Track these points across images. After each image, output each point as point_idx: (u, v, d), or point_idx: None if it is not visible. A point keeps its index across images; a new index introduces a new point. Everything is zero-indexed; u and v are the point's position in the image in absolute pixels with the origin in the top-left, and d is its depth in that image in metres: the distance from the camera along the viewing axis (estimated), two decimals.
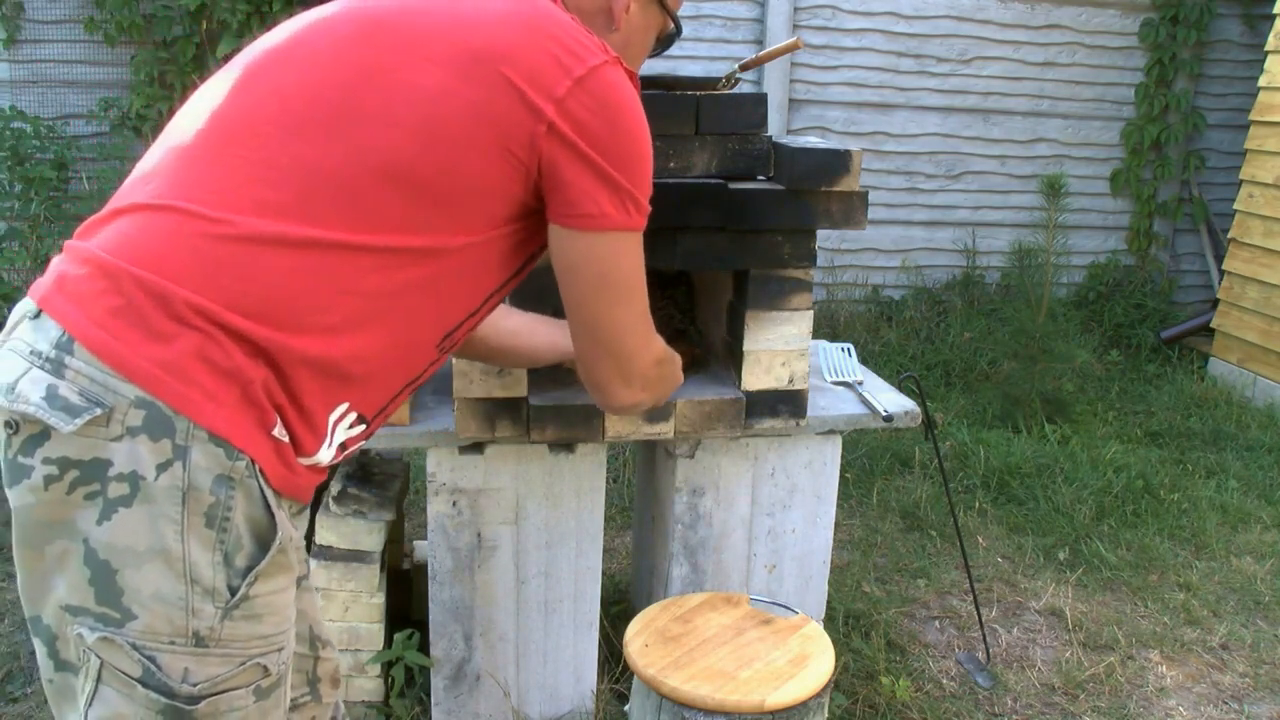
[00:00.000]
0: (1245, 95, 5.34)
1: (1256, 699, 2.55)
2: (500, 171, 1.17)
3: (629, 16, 1.38)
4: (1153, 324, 5.52)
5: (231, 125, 1.13)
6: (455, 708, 2.18)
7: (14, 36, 4.47)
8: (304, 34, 1.20)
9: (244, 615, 1.08)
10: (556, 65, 1.17)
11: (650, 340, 1.37)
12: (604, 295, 1.27)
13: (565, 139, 1.17)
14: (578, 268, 1.25)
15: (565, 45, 1.20)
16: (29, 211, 4.28)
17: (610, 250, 1.25)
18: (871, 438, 3.93)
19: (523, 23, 1.19)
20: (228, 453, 1.04)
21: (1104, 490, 3.57)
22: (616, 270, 1.26)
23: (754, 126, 1.97)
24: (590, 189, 1.20)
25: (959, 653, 2.67)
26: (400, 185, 1.12)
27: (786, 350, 2.05)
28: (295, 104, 1.13)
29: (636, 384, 1.36)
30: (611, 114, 1.20)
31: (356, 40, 1.18)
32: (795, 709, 1.60)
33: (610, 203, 1.21)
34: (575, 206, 1.21)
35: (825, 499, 2.27)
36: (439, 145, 1.13)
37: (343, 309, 1.12)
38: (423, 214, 1.15)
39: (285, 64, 1.17)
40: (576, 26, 1.24)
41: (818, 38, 5.20)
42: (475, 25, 1.18)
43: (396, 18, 1.19)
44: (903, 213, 5.51)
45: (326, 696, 1.45)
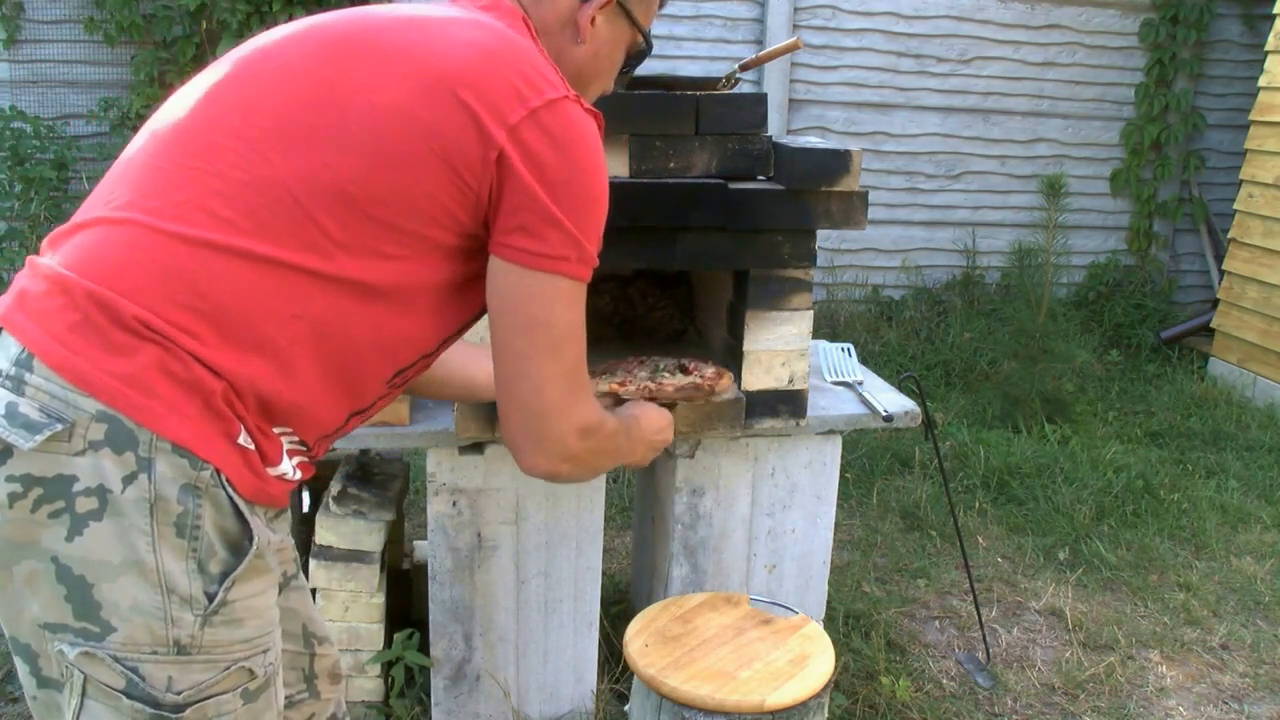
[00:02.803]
0: (1245, 95, 5.34)
1: (1256, 699, 2.55)
2: (449, 196, 1.14)
3: (595, 30, 1.34)
4: (1153, 324, 5.52)
5: (195, 137, 1.13)
6: (455, 708, 2.18)
7: (14, 36, 4.47)
8: (276, 47, 1.20)
9: (224, 621, 1.08)
10: (514, 93, 1.15)
11: (576, 404, 1.25)
12: (529, 341, 1.19)
13: (514, 168, 1.14)
14: (507, 306, 1.19)
15: (526, 76, 1.17)
16: (29, 211, 4.28)
17: (545, 293, 1.18)
18: (871, 438, 3.93)
19: (486, 50, 1.17)
20: (192, 463, 1.04)
21: (1104, 490, 3.57)
22: (548, 316, 1.18)
23: (754, 126, 1.97)
24: (533, 224, 1.15)
25: (959, 653, 2.67)
26: (350, 208, 1.11)
27: (786, 350, 2.05)
28: (259, 119, 1.12)
29: (553, 451, 1.25)
30: (566, 150, 1.16)
31: (325, 57, 1.16)
32: (795, 709, 1.60)
33: (553, 243, 1.16)
34: (514, 239, 1.16)
35: (825, 499, 2.27)
36: (389, 167, 1.12)
37: (291, 333, 1.10)
38: (373, 239, 1.12)
39: (254, 77, 1.17)
40: (542, 60, 1.22)
41: (818, 38, 5.20)
42: (440, 49, 1.17)
43: (366, 37, 1.18)
44: (903, 213, 5.51)
45: (325, 693, 1.46)
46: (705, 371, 1.93)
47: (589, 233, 1.19)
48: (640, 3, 1.39)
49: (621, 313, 2.45)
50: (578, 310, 1.22)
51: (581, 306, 1.22)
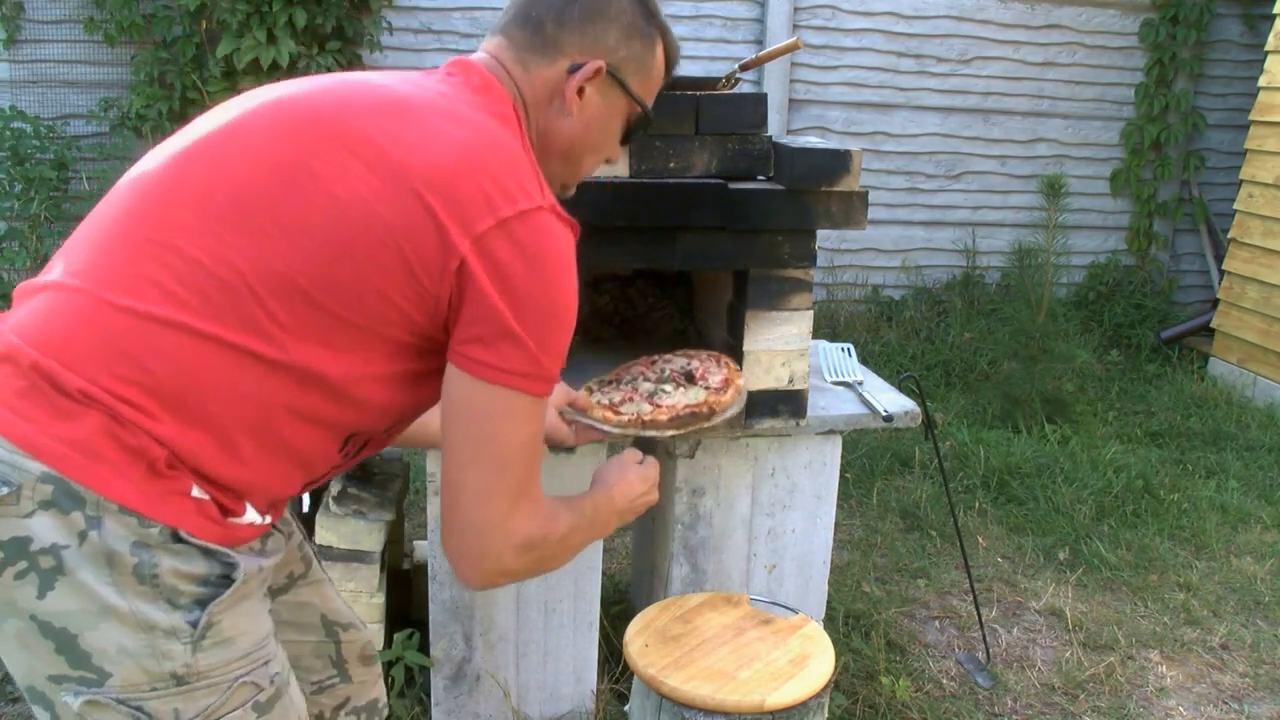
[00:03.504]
0: (1245, 95, 5.33)
1: (1256, 699, 2.55)
2: (404, 297, 1.11)
3: (586, 101, 1.29)
4: (1153, 324, 5.52)
5: (157, 206, 1.12)
6: (455, 708, 2.18)
7: (14, 36, 4.47)
8: (248, 119, 1.16)
9: (214, 643, 1.09)
10: (484, 200, 1.11)
11: (519, 520, 1.18)
12: (476, 453, 1.14)
13: (476, 279, 1.10)
14: (458, 414, 1.15)
15: (499, 181, 1.12)
16: (29, 211, 4.28)
17: (497, 407, 1.13)
18: (871, 438, 3.93)
19: (461, 149, 1.13)
20: (140, 522, 1.04)
21: (1104, 490, 3.57)
22: (498, 431, 1.14)
23: (754, 126, 1.97)
24: (490, 336, 1.11)
25: (959, 653, 2.67)
26: (301, 298, 1.08)
27: (786, 350, 2.05)
28: (218, 197, 1.10)
29: (488, 567, 1.19)
30: (533, 263, 1.12)
31: (293, 136, 1.13)
32: (795, 709, 1.60)
33: (510, 358, 1.12)
34: (470, 349, 1.12)
35: (825, 499, 2.27)
36: (342, 262, 1.09)
37: (236, 413, 1.09)
38: (323, 330, 1.10)
39: (221, 150, 1.14)
40: (522, 163, 1.17)
41: (818, 38, 5.20)
42: (413, 143, 1.12)
43: (340, 119, 1.14)
44: (903, 213, 5.51)
45: (359, 675, 1.49)
46: (713, 379, 1.83)
47: (550, 350, 1.15)
48: (636, 71, 1.33)
49: (621, 312, 2.45)
50: (531, 426, 1.17)
51: (537, 422, 1.18)
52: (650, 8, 1.33)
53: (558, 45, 1.27)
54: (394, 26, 4.74)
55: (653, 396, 1.77)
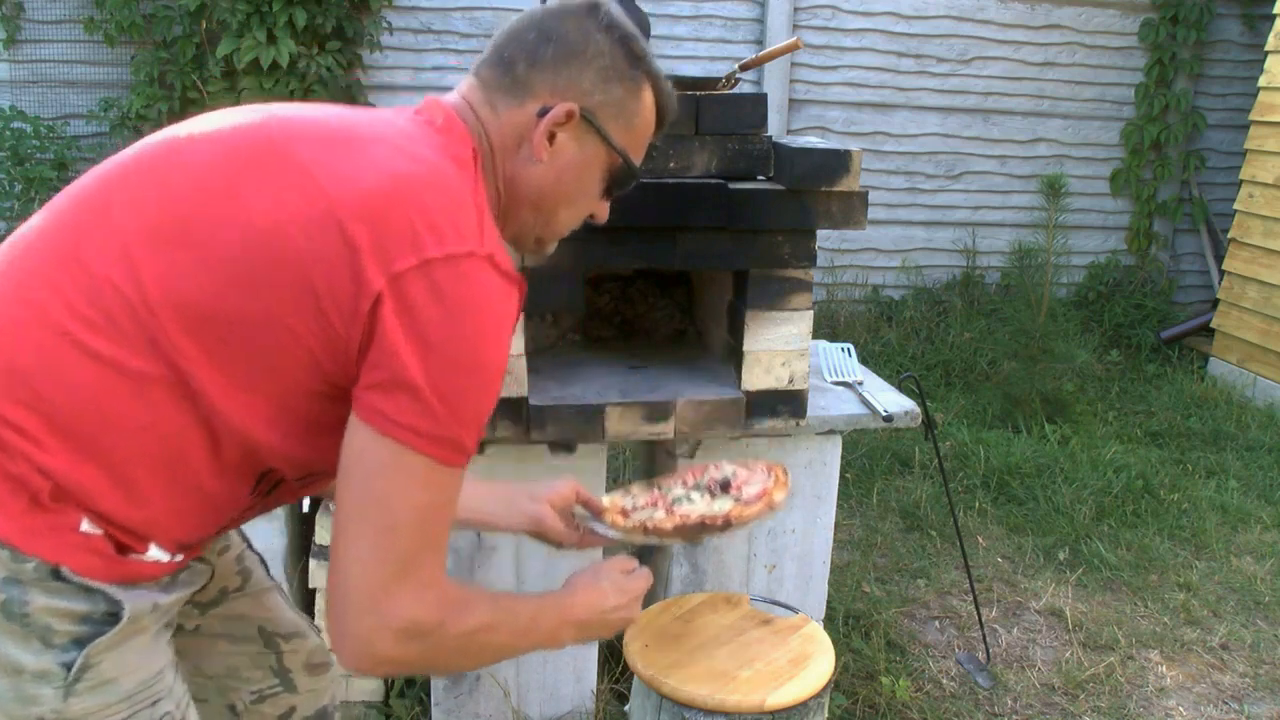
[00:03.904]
0: (1245, 95, 5.33)
1: (1256, 699, 2.55)
2: (313, 336, 1.02)
3: (557, 148, 1.18)
4: (1153, 324, 5.52)
5: (81, 220, 1.06)
6: (455, 708, 2.18)
7: (14, 36, 4.47)
8: (190, 141, 1.11)
9: (91, 686, 1.02)
10: (409, 237, 1.01)
11: (399, 599, 1.04)
12: (360, 513, 1.03)
13: (384, 319, 1.00)
14: (348, 467, 1.03)
15: (431, 220, 1.02)
16: (29, 211, 4.27)
17: (388, 464, 1.02)
18: (871, 438, 3.93)
19: (397, 181, 1.04)
20: (13, 556, 0.98)
21: (1104, 490, 3.57)
22: (387, 492, 1.02)
23: (754, 126, 1.97)
24: (390, 385, 1.00)
25: (959, 653, 2.67)
26: (205, 327, 1.01)
27: (786, 350, 2.05)
28: (139, 215, 1.04)
29: (359, 650, 1.05)
30: (454, 313, 1.01)
31: (227, 162, 1.07)
32: (795, 709, 1.60)
33: (407, 412, 1.01)
34: (369, 395, 1.02)
35: (825, 499, 2.27)
36: (252, 292, 1.01)
37: (134, 446, 1.03)
38: (228, 363, 1.03)
39: (156, 169, 1.09)
40: (464, 210, 1.06)
41: (818, 38, 5.20)
42: (346, 173, 1.04)
43: (278, 146, 1.08)
44: (903, 213, 5.51)
45: (305, 684, 1.44)
46: (749, 490, 1.64)
47: (460, 413, 1.03)
48: (615, 118, 1.21)
49: (621, 312, 2.45)
50: (429, 495, 1.04)
51: (439, 492, 1.05)
52: (636, 51, 1.21)
53: (528, 87, 1.18)
54: (394, 26, 4.74)
55: (675, 504, 1.65)
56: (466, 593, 1.16)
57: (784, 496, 1.62)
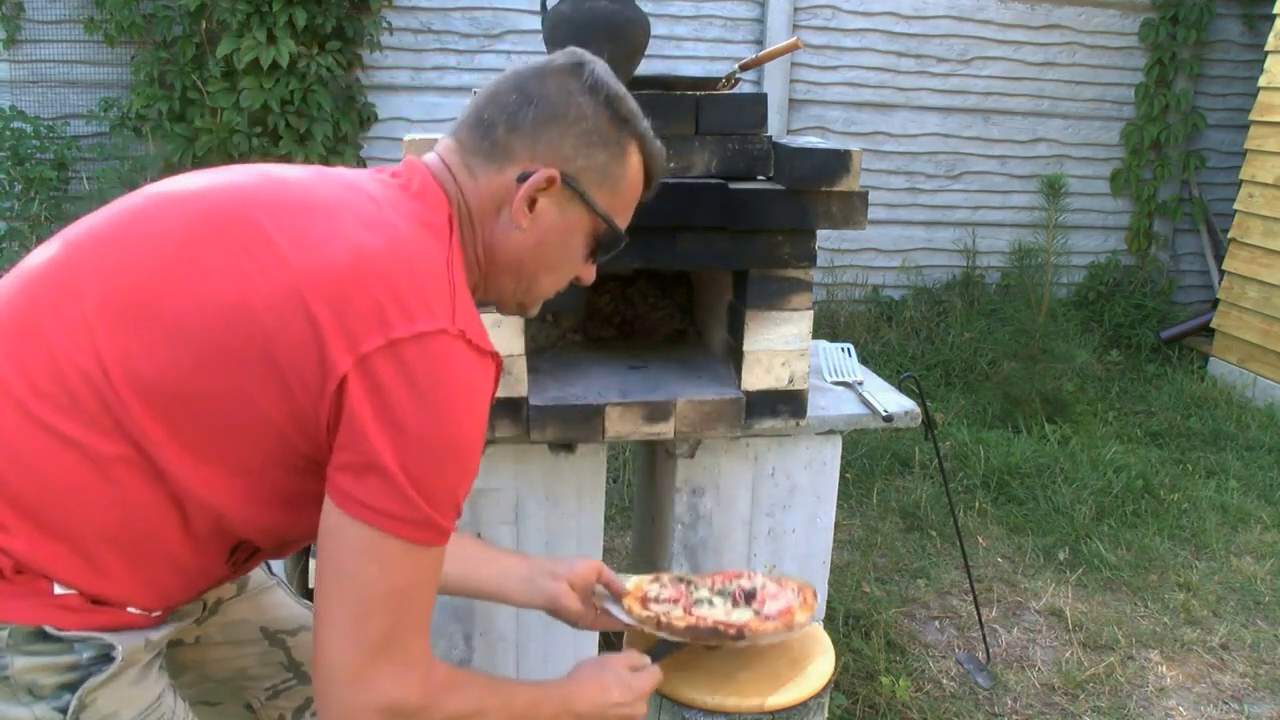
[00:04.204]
0: (1245, 95, 5.33)
1: (1256, 699, 2.55)
2: (281, 415, 1.00)
3: (538, 214, 1.15)
4: (1153, 324, 5.52)
5: (45, 293, 1.04)
6: None
7: (14, 36, 4.47)
8: (150, 206, 1.08)
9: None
10: (376, 317, 0.98)
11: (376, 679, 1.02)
12: (337, 591, 1.01)
13: (351, 401, 0.97)
14: (324, 546, 1.01)
15: (400, 297, 0.99)
16: (29, 211, 4.28)
17: (361, 546, 1.00)
18: (871, 438, 3.93)
19: (363, 257, 1.01)
20: None
21: (1104, 490, 3.57)
22: (362, 573, 1.00)
23: (754, 126, 1.97)
24: (360, 468, 0.98)
25: (959, 653, 2.67)
26: (170, 404, 0.99)
27: (786, 350, 2.05)
28: (101, 289, 1.02)
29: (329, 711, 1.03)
30: (425, 395, 0.98)
31: (190, 232, 1.04)
32: (795, 709, 1.60)
33: (378, 495, 0.98)
34: (338, 477, 1.00)
35: (825, 499, 2.27)
36: (215, 369, 0.99)
37: (100, 526, 1.01)
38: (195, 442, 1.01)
39: (119, 240, 1.06)
40: (436, 283, 1.03)
41: (818, 38, 5.20)
42: (313, 243, 1.02)
43: (240, 212, 1.05)
44: (903, 213, 5.51)
45: None
46: (771, 607, 1.61)
47: (434, 494, 1.00)
48: (599, 183, 1.17)
49: (621, 313, 2.45)
50: (406, 576, 1.01)
51: (417, 573, 1.02)
52: (622, 112, 1.17)
53: (508, 152, 1.13)
54: (394, 26, 4.74)
55: (695, 605, 1.62)
56: (458, 675, 1.13)
57: (806, 619, 1.59)
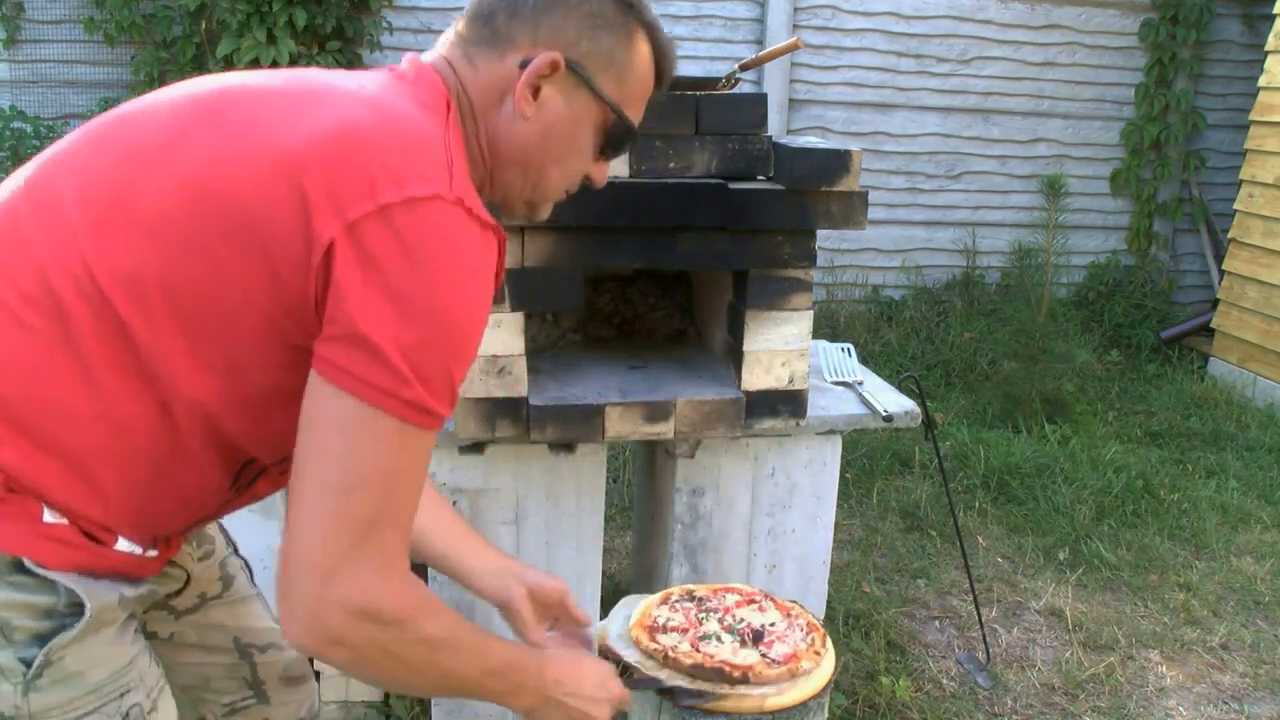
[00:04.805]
0: (1245, 95, 5.34)
1: (1256, 699, 2.55)
2: (270, 299, 0.96)
3: (543, 103, 1.09)
4: (1153, 324, 5.52)
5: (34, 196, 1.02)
6: (455, 707, 2.18)
7: (14, 36, 4.47)
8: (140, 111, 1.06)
9: (54, 681, 0.99)
10: (365, 184, 0.93)
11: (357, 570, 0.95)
12: (317, 471, 0.94)
13: (340, 270, 0.92)
14: (306, 424, 0.95)
15: (390, 164, 0.94)
16: None
17: (349, 420, 0.93)
18: (871, 438, 3.93)
19: (351, 128, 0.97)
20: None
21: (1104, 490, 3.57)
22: (349, 449, 0.94)
23: (754, 126, 1.97)
24: (349, 338, 0.92)
25: (959, 653, 2.67)
26: (156, 300, 0.96)
27: (786, 350, 2.05)
28: (82, 190, 0.99)
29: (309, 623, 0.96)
30: (415, 260, 0.92)
31: (173, 128, 1.01)
32: (795, 709, 1.60)
33: (366, 367, 0.92)
34: (326, 349, 0.94)
35: (825, 499, 2.27)
36: (197, 256, 0.95)
37: (92, 439, 0.98)
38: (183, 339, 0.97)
39: (105, 142, 1.03)
40: (430, 153, 0.98)
41: (818, 38, 5.20)
42: (298, 126, 0.97)
43: (228, 106, 1.02)
44: (903, 213, 5.51)
45: (279, 696, 1.41)
46: (777, 650, 1.58)
47: (425, 369, 0.94)
48: (606, 69, 1.11)
49: (621, 313, 2.45)
50: (395, 457, 0.95)
51: (406, 456, 0.96)
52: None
53: (509, 38, 1.09)
54: (394, 26, 4.74)
55: (702, 640, 1.59)
56: (437, 600, 1.07)
57: (810, 668, 1.58)
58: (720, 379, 2.13)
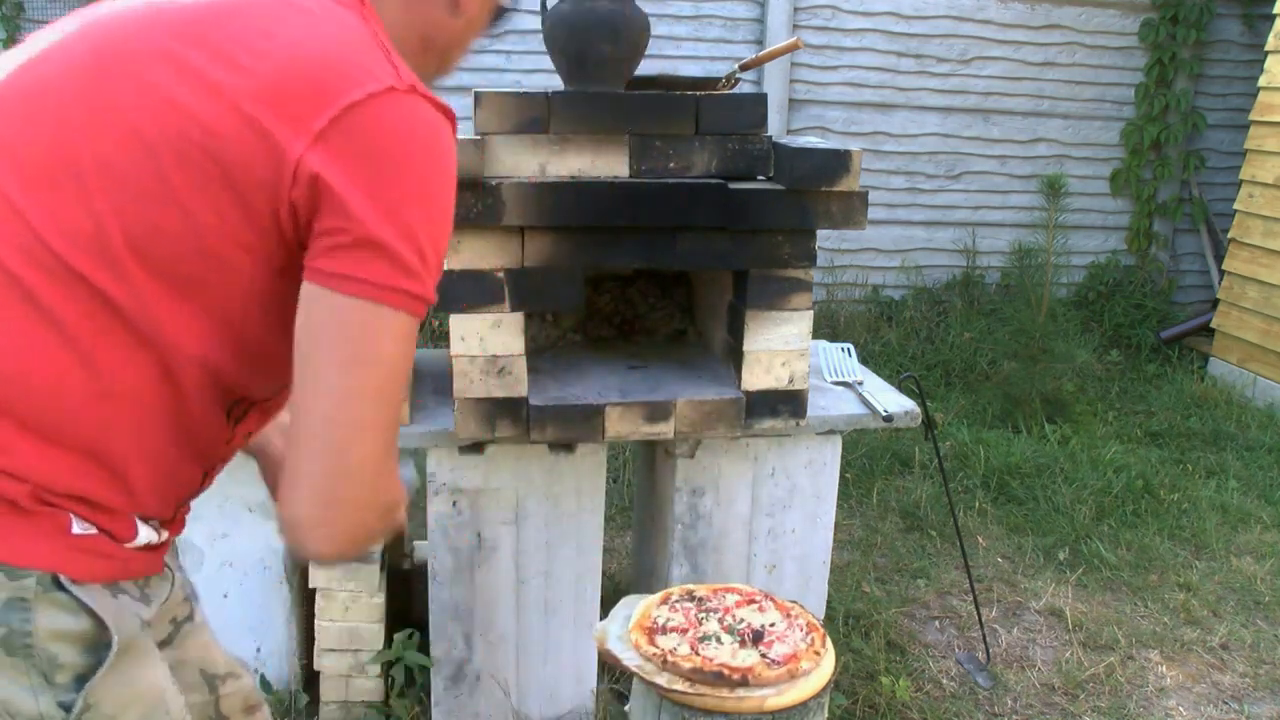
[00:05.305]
0: (1245, 95, 5.34)
1: (1256, 699, 2.55)
2: (251, 232, 0.95)
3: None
4: (1153, 324, 5.52)
5: None
6: (455, 708, 2.18)
7: (14, 36, 4.47)
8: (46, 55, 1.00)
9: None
10: (318, 93, 0.92)
11: (390, 473, 0.99)
12: (353, 381, 0.94)
13: (323, 182, 0.91)
14: (320, 338, 0.94)
15: (336, 68, 0.94)
16: None
17: (369, 325, 0.94)
18: (871, 438, 3.93)
19: (290, 49, 0.95)
20: (9, 574, 0.91)
21: (1104, 490, 3.57)
22: (375, 353, 0.95)
23: (754, 126, 1.97)
24: (350, 244, 0.92)
25: (959, 653, 2.67)
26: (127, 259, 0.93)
27: (786, 350, 2.05)
28: (18, 158, 0.94)
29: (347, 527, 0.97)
30: (392, 152, 0.93)
31: (92, 69, 0.96)
32: (795, 709, 1.60)
33: (374, 268, 0.93)
34: (328, 262, 0.93)
35: (825, 499, 2.27)
36: (163, 206, 0.92)
37: (99, 416, 0.95)
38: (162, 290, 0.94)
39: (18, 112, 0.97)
40: (370, 51, 0.98)
41: (818, 38, 5.20)
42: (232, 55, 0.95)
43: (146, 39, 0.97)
44: (903, 213, 5.51)
45: None
46: (777, 651, 1.60)
47: (426, 255, 0.96)
48: None
49: (621, 313, 2.45)
50: (407, 349, 0.98)
51: (413, 342, 0.99)
52: None
53: None
54: None
55: (702, 641, 1.61)
56: None
57: (810, 668, 1.58)
58: (720, 379, 2.13)
